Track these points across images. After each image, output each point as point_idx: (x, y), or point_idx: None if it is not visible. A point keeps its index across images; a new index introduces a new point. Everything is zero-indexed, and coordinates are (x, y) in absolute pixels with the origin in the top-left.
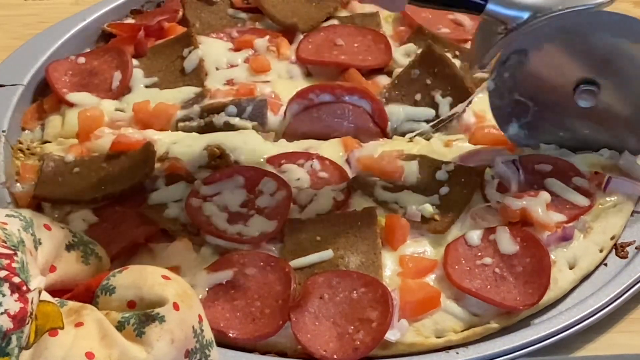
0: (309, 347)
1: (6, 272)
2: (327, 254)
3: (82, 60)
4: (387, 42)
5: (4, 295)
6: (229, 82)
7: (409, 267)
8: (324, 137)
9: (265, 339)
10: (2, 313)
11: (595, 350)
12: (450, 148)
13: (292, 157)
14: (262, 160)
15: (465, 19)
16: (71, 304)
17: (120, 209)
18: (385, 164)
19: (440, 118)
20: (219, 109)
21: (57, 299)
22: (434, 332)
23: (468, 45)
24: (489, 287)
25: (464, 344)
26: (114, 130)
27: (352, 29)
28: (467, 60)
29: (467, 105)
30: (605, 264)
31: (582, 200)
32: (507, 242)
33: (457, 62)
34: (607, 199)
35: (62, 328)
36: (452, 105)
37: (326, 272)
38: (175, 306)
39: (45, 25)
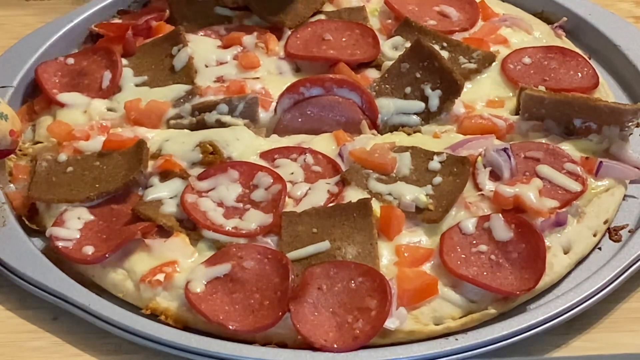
0: (309, 337)
1: None
2: (324, 245)
3: (70, 60)
4: (374, 36)
5: None
6: (219, 80)
7: (405, 257)
8: (315, 131)
9: (265, 331)
10: None
11: (596, 350)
12: (439, 139)
13: (285, 151)
14: (255, 155)
15: (451, 11)
16: None
17: (115, 206)
18: (378, 156)
19: None
20: (210, 107)
21: None
22: (432, 319)
23: (455, 37)
24: (485, 273)
25: (463, 330)
26: (101, 132)
27: (340, 24)
28: None
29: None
30: (600, 248)
31: (574, 186)
32: (501, 229)
33: (444, 54)
34: (599, 183)
35: None
36: (442, 98)
37: (323, 263)
38: None
39: None
